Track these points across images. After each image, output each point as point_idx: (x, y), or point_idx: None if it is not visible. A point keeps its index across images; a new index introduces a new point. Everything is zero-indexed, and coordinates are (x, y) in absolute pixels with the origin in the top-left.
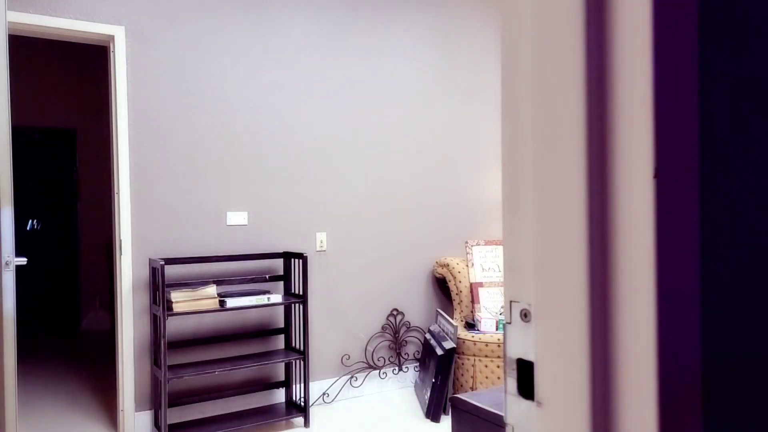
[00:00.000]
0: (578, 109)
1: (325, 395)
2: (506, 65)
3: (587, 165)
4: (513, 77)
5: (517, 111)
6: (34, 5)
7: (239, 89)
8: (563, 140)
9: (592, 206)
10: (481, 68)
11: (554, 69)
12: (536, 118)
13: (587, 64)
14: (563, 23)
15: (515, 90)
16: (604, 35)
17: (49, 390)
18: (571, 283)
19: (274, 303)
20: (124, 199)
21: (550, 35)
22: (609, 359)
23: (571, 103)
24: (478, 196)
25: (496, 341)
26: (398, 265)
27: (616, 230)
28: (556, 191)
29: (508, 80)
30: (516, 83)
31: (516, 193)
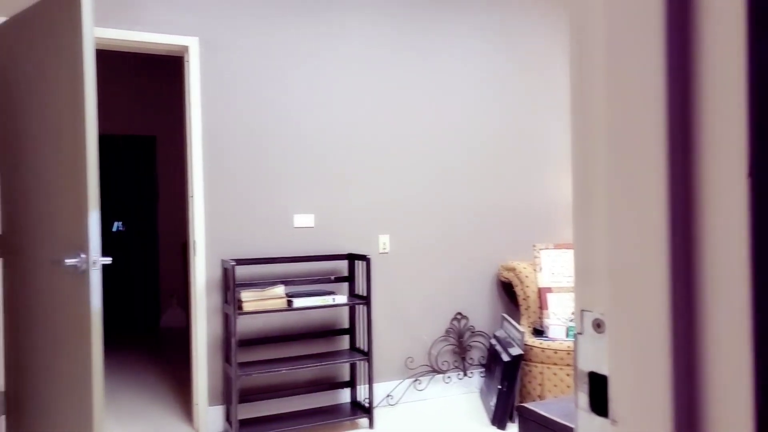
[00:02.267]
0: (658, 103)
1: (389, 397)
2: (575, 59)
3: (669, 163)
4: (583, 72)
5: (589, 108)
6: (117, 20)
7: (305, 94)
8: (641, 137)
9: (674, 207)
10: (547, 64)
11: (631, 61)
12: (610, 114)
13: (668, 52)
14: (641, 9)
15: (586, 86)
16: (689, 21)
17: (130, 383)
18: (650, 292)
19: (338, 304)
20: (198, 202)
21: (626, 24)
22: (694, 376)
23: (650, 97)
24: (547, 197)
25: (565, 349)
26: (462, 268)
27: (702, 233)
28: (633, 192)
29: (578, 76)
30: (587, 79)
31: (588, 195)
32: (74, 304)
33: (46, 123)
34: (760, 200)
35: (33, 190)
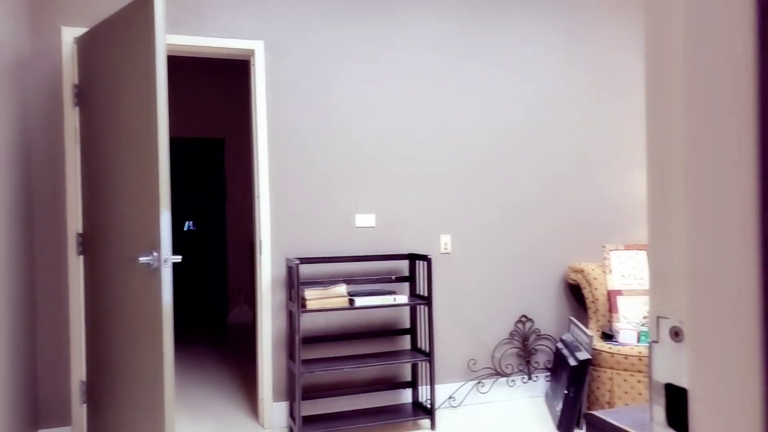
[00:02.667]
0: (746, 97)
1: (452, 399)
2: (651, 52)
3: (759, 158)
4: (660, 65)
5: (666, 102)
6: (186, 27)
7: (367, 95)
8: (727, 132)
9: (764, 204)
10: (619, 59)
11: (714, 50)
12: (691, 109)
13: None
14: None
15: (663, 80)
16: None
17: (200, 377)
18: (737, 297)
19: (399, 304)
20: (264, 202)
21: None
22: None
23: (736, 89)
24: (617, 196)
25: (636, 354)
26: (527, 269)
27: None
28: (717, 189)
29: (654, 70)
30: (664, 72)
31: (664, 193)
32: (147, 300)
33: (123, 127)
34: None
35: (111, 191)
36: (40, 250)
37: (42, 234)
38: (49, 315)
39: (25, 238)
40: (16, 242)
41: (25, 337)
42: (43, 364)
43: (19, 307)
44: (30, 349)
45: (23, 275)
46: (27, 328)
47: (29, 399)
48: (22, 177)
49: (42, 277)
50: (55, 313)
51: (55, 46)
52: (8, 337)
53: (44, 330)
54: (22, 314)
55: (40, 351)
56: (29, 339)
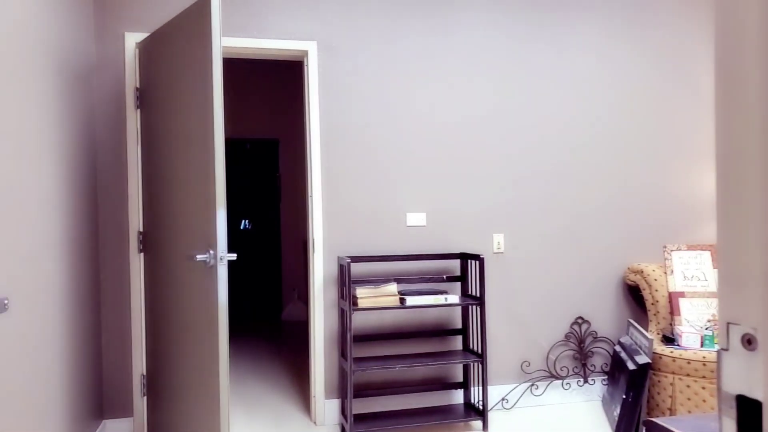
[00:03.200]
0: None
1: (504, 401)
2: (722, 39)
3: None
4: (731, 52)
5: (738, 93)
6: (242, 29)
7: (419, 93)
8: None
9: None
10: (686, 48)
11: None
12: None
13: None
14: None
15: (735, 68)
16: None
17: (254, 372)
18: None
19: (451, 303)
20: (316, 201)
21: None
22: None
23: None
24: (679, 194)
25: (700, 359)
26: (583, 269)
27: None
28: None
29: (725, 56)
30: (736, 59)
31: (737, 192)
32: (203, 296)
33: (181, 129)
34: None
35: (169, 190)
36: (104, 247)
37: (106, 232)
38: (113, 311)
39: (91, 235)
40: (83, 240)
41: (91, 331)
42: (107, 358)
43: (86, 303)
44: (96, 344)
45: (89, 272)
46: (93, 323)
47: (95, 391)
48: (89, 177)
49: (106, 274)
50: (117, 308)
51: (118, 52)
52: (76, 331)
53: (108, 325)
54: (88, 310)
55: (105, 345)
56: (95, 333)
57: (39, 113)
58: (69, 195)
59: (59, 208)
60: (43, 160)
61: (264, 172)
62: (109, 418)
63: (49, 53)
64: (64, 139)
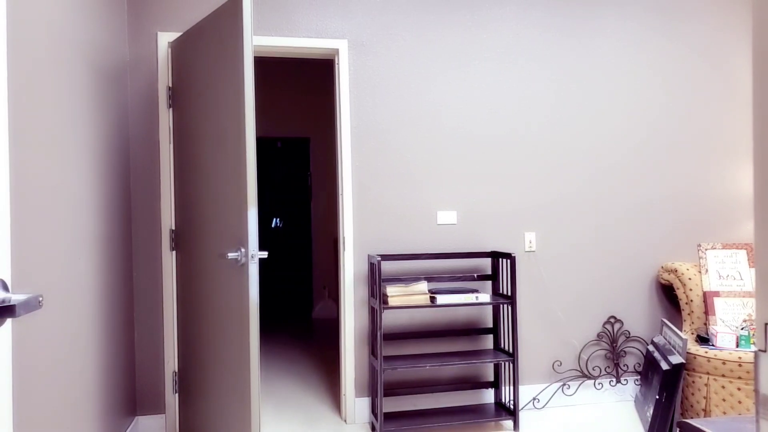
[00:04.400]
0: None
1: (536, 400)
2: (760, 37)
3: None
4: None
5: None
6: (273, 28)
7: (449, 90)
8: None
9: None
10: (724, 44)
11: None
12: None
13: None
14: None
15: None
16: None
17: (285, 369)
18: None
19: (482, 302)
20: (347, 199)
21: None
22: None
23: None
24: (712, 193)
25: (735, 360)
26: (616, 268)
27: None
28: None
29: (763, 52)
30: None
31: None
32: (235, 294)
33: (213, 127)
34: None
35: (201, 189)
36: (137, 245)
37: (138, 230)
38: (145, 308)
39: (125, 233)
40: (116, 238)
41: (124, 328)
42: (140, 355)
43: (119, 300)
44: (129, 340)
45: (122, 270)
46: (126, 320)
47: (128, 387)
48: (123, 175)
49: (138, 271)
50: (150, 306)
51: (151, 51)
52: (109, 329)
53: (141, 322)
54: (121, 307)
55: (138, 343)
56: (128, 330)
57: (73, 112)
58: (103, 193)
59: (93, 207)
60: (78, 158)
61: (295, 170)
62: (141, 415)
63: (84, 53)
64: (98, 138)
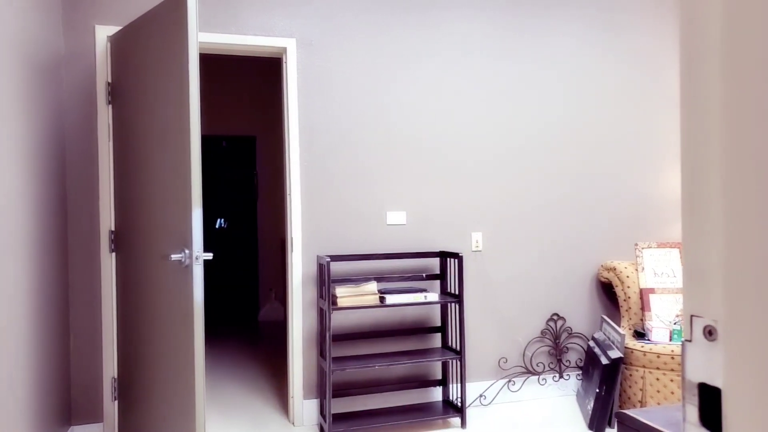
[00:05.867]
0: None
1: (482, 397)
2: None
3: None
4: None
5: (701, 98)
6: (219, 25)
7: (399, 92)
8: (762, 126)
9: None
10: (655, 57)
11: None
12: (726, 105)
13: None
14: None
15: (698, 73)
16: None
17: (230, 373)
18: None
19: (430, 302)
20: (295, 200)
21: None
22: None
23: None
24: (649, 194)
25: (669, 353)
26: (559, 267)
27: None
28: (753, 185)
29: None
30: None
31: (699, 191)
32: (178, 296)
33: (155, 125)
34: None
35: (143, 188)
36: (74, 247)
37: (75, 231)
38: (82, 312)
39: (60, 234)
40: (50, 239)
41: (58, 333)
42: (76, 362)
43: (53, 304)
44: (63, 346)
45: (57, 272)
46: (60, 325)
47: (62, 395)
48: (58, 174)
49: (75, 274)
50: (87, 310)
51: (89, 45)
52: (42, 334)
53: (77, 327)
54: (55, 312)
55: (73, 348)
56: (62, 336)
57: (1, 106)
58: (35, 192)
59: (25, 206)
60: (6, 155)
61: (241, 169)
62: (77, 424)
63: (13, 45)
64: (29, 134)
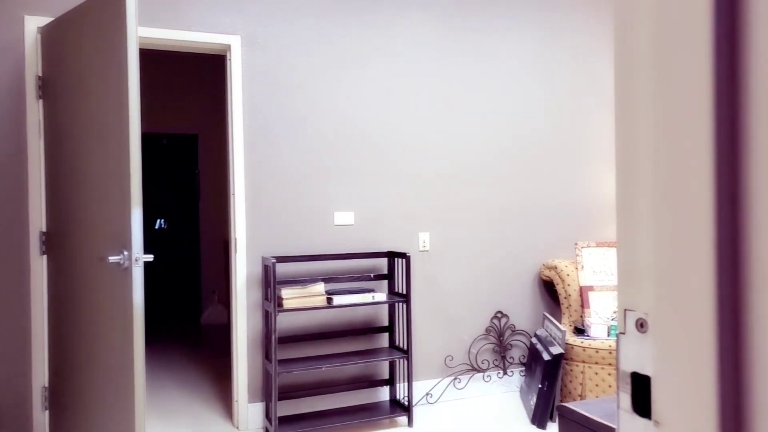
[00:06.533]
0: (706, 101)
1: (429, 395)
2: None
3: (716, 159)
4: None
5: (633, 105)
6: (162, 20)
7: (347, 91)
8: (688, 134)
9: (721, 206)
10: (594, 63)
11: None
12: (656, 112)
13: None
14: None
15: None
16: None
17: (172, 378)
18: (696, 291)
19: (378, 302)
20: (239, 200)
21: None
22: (741, 377)
23: (698, 95)
24: (589, 195)
25: (607, 348)
26: (503, 266)
27: (749, 232)
28: (680, 189)
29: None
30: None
31: (632, 193)
32: (117, 300)
33: (92, 122)
34: None
35: (78, 188)
36: (0, 249)
37: (1, 232)
38: (9, 318)
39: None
40: None
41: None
42: (2, 370)
43: None
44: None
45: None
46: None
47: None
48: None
49: (1, 278)
50: (15, 315)
51: (17, 37)
52: None
53: (3, 334)
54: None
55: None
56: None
57: None
58: None
59: None
60: None
61: (182, 168)
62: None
63: None
64: None
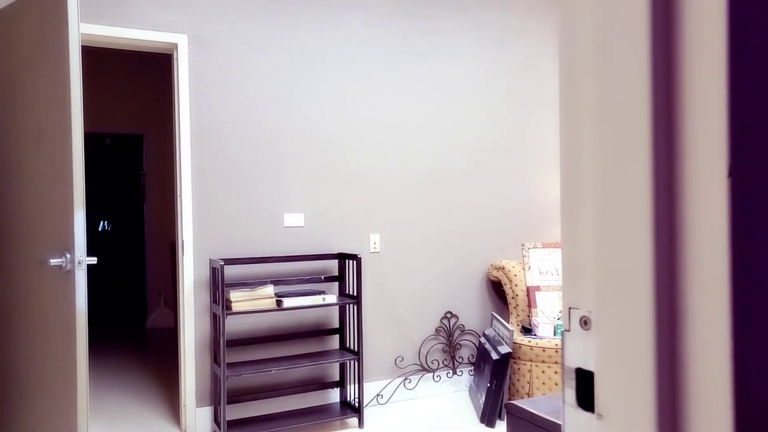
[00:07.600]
0: (643, 105)
1: (379, 396)
2: (565, 61)
3: (653, 163)
4: (571, 74)
5: (577, 109)
6: (105, 17)
7: (296, 93)
8: (627, 138)
9: (658, 208)
10: (540, 67)
11: (617, 63)
12: (597, 115)
13: (653, 53)
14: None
15: (574, 86)
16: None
17: (117, 384)
18: (635, 290)
19: (328, 303)
20: (186, 201)
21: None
22: (677, 371)
23: (635, 99)
24: (535, 197)
25: (553, 347)
26: (452, 267)
27: (685, 233)
28: (618, 192)
29: (566, 78)
30: (575, 80)
31: (575, 195)
32: (59, 304)
33: (32, 120)
34: (739, 200)
35: (14, 189)
36: None
37: None
38: None
39: None
40: None
41: None
42: None
43: None
44: None
45: None
46: None
47: None
48: None
49: None
50: None
51: None
52: None
53: None
54: None
55: None
56: None
57: None
58: None
59: None
60: None
61: (126, 169)
62: None
63: None
64: None
